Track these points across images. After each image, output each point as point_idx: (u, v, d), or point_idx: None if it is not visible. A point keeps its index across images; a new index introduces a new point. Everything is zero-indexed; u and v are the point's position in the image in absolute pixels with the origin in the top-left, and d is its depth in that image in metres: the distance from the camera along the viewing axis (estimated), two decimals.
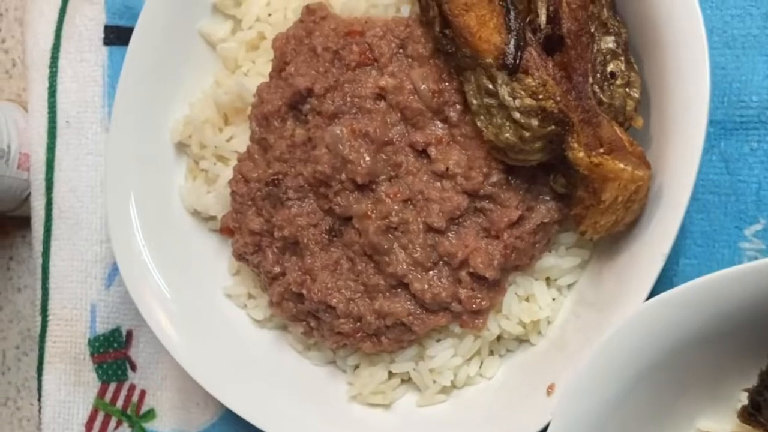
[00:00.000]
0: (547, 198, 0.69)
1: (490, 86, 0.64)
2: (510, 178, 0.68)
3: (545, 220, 0.69)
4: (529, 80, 0.63)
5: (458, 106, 0.69)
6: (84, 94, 0.93)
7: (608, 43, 0.65)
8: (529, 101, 0.63)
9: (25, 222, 0.99)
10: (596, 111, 0.63)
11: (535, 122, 0.63)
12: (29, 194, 0.95)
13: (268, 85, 0.75)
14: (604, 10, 0.65)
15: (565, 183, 0.67)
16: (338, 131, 0.70)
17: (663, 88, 0.65)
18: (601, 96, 0.65)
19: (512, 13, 0.63)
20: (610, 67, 0.65)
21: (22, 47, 0.98)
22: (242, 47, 0.79)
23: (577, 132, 0.63)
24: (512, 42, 0.63)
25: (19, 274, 1.04)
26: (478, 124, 0.66)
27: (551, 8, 0.64)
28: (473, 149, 0.68)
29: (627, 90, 0.65)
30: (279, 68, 0.74)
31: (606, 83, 0.65)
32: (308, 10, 0.73)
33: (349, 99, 0.71)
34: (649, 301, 0.60)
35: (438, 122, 0.69)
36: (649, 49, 0.66)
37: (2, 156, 0.92)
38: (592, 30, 0.65)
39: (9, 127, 0.94)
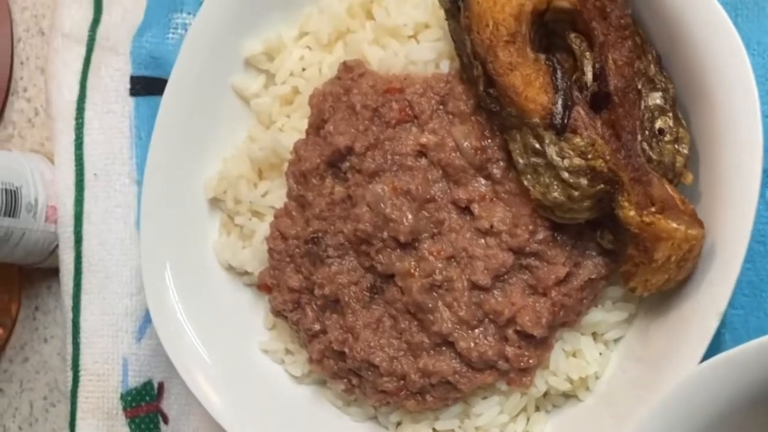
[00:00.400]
0: (594, 253, 0.68)
1: (537, 146, 0.63)
2: (556, 234, 0.67)
3: (593, 276, 0.68)
4: (578, 140, 0.62)
5: (501, 163, 0.68)
6: (111, 146, 0.92)
7: (656, 99, 0.64)
8: (578, 161, 0.62)
9: (50, 272, 0.98)
10: (646, 169, 0.63)
11: (584, 181, 0.63)
12: (56, 246, 0.95)
13: (305, 142, 0.74)
14: (651, 66, 0.65)
15: (613, 239, 0.66)
16: (379, 190, 0.69)
17: (713, 143, 0.64)
18: (650, 153, 0.64)
19: (559, 72, 0.62)
20: (659, 124, 0.64)
21: (45, 97, 0.97)
22: (276, 102, 0.78)
23: (627, 191, 0.62)
24: (560, 102, 0.62)
25: (45, 324, 1.03)
26: (525, 183, 0.65)
27: (597, 65, 0.63)
28: (517, 206, 0.68)
29: (676, 146, 0.64)
30: (316, 125, 0.74)
31: (654, 140, 0.64)
32: (345, 67, 0.72)
33: (389, 157, 0.70)
34: (710, 361, 0.59)
35: (481, 179, 0.69)
36: (697, 102, 0.65)
37: (30, 210, 0.92)
38: (639, 86, 0.64)
39: (36, 180, 0.93)
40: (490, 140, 0.68)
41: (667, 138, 0.64)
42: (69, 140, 0.93)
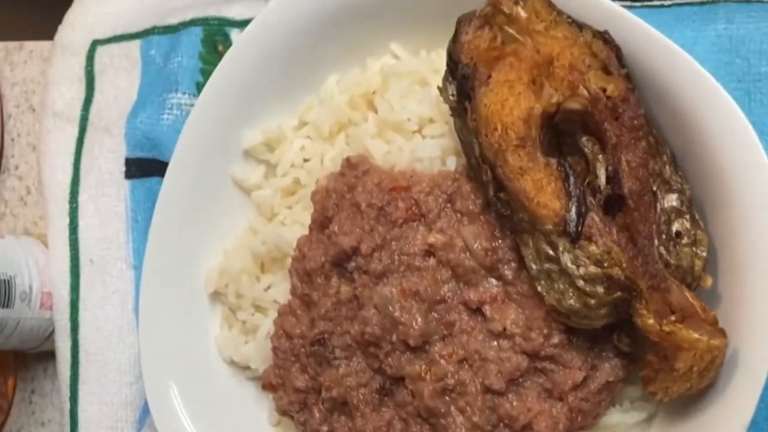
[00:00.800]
0: (611, 355, 0.66)
1: (551, 252, 0.61)
2: (572, 337, 0.65)
3: (610, 379, 0.66)
4: (593, 248, 0.60)
5: (513, 264, 0.66)
6: (107, 230, 0.90)
7: (672, 201, 0.62)
8: (593, 269, 0.60)
9: (46, 355, 0.96)
10: (664, 276, 0.61)
11: (600, 290, 0.60)
12: (52, 331, 0.92)
13: (309, 239, 0.72)
14: (666, 166, 0.63)
15: (630, 342, 0.64)
16: (387, 292, 0.67)
17: (731, 242, 0.62)
18: (668, 257, 0.62)
19: (572, 178, 0.60)
20: (675, 227, 0.62)
21: (38, 179, 0.95)
22: (277, 194, 0.76)
23: (645, 299, 0.60)
24: (573, 209, 0.60)
25: (42, 407, 1.01)
26: (539, 288, 0.63)
27: (610, 168, 0.61)
28: (531, 308, 0.65)
29: (694, 249, 0.62)
30: (320, 222, 0.71)
31: (671, 243, 0.62)
32: (349, 164, 0.70)
33: (396, 257, 0.68)
34: None
35: (492, 279, 0.67)
36: (714, 201, 0.63)
37: (24, 299, 0.89)
38: (654, 188, 0.62)
39: (30, 267, 0.91)
40: (500, 241, 0.66)
41: (685, 241, 0.62)
42: (63, 224, 0.91)
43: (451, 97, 0.65)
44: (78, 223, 0.90)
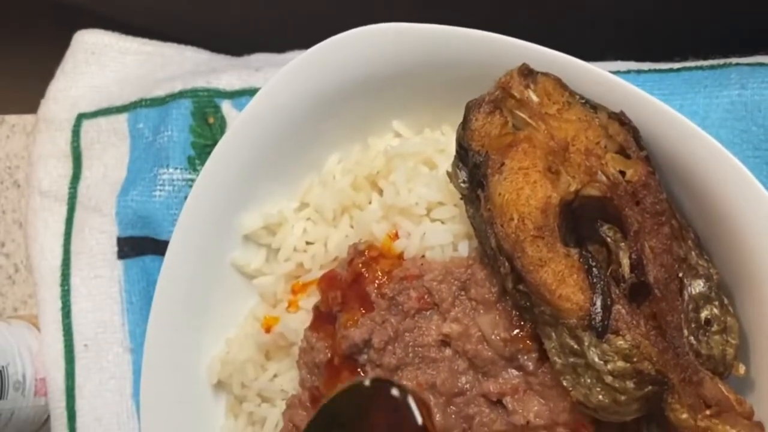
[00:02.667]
0: None
1: (576, 346, 0.58)
2: (599, 430, 0.62)
3: None
4: (621, 342, 0.57)
5: (533, 354, 0.63)
6: (101, 314, 0.86)
7: (699, 287, 0.60)
8: (622, 364, 0.57)
9: None
10: (696, 368, 0.58)
11: (630, 385, 0.58)
12: (48, 417, 0.89)
13: (317, 330, 0.69)
14: (692, 252, 0.60)
15: None
16: None
17: (762, 326, 0.59)
18: (698, 347, 0.59)
19: (595, 269, 0.57)
20: (704, 314, 0.59)
21: (27, 262, 0.92)
22: (281, 280, 0.73)
23: (678, 393, 0.57)
24: (598, 302, 0.57)
25: None
26: (564, 383, 0.60)
27: (634, 255, 0.58)
28: (554, 399, 0.62)
29: (724, 337, 0.59)
30: (327, 313, 0.68)
31: (701, 332, 0.59)
32: (356, 251, 0.67)
33: (410, 349, 0.65)
34: None
35: (512, 370, 0.64)
36: (742, 283, 0.61)
37: (18, 388, 0.86)
38: (680, 275, 0.59)
39: (22, 354, 0.87)
40: (518, 330, 0.63)
41: (715, 328, 0.59)
42: (55, 308, 0.87)
43: (462, 185, 0.62)
44: (71, 308, 0.87)
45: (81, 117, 0.90)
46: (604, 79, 0.61)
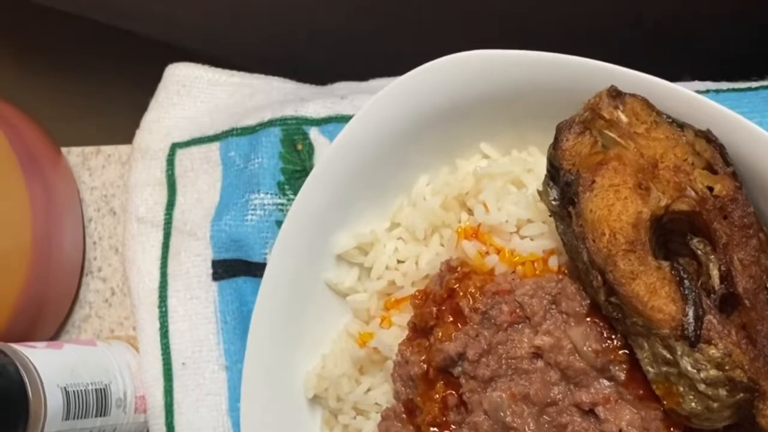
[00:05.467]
0: None
1: (669, 356, 0.61)
2: None
3: None
4: (713, 351, 0.59)
5: (624, 365, 0.65)
6: (197, 333, 0.90)
7: None
8: (714, 372, 0.59)
9: None
10: None
11: (723, 393, 0.60)
12: None
13: (411, 344, 0.72)
14: None
15: None
16: (497, 397, 0.67)
17: None
18: None
19: (686, 281, 0.60)
20: None
21: (124, 282, 0.96)
22: (374, 297, 0.76)
23: None
24: (691, 312, 0.59)
25: None
26: (657, 392, 0.62)
27: (723, 268, 0.61)
28: (646, 409, 0.65)
29: None
30: (421, 328, 0.71)
31: None
32: (449, 267, 0.70)
33: (504, 361, 0.68)
34: None
35: (603, 380, 0.66)
36: None
37: (120, 405, 0.90)
38: None
39: (123, 373, 0.91)
40: (609, 342, 0.65)
41: None
42: (154, 329, 0.91)
43: (553, 202, 0.65)
44: (168, 328, 0.91)
45: (175, 146, 0.94)
46: (688, 98, 0.64)
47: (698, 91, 0.76)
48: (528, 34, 0.89)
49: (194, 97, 0.96)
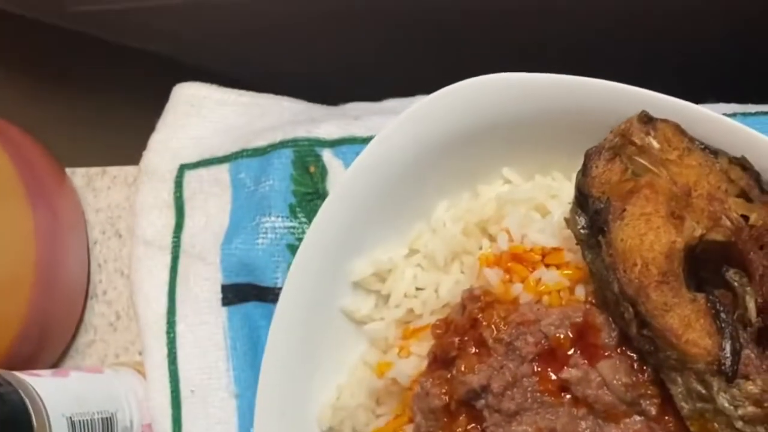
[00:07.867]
0: None
1: (704, 392, 0.58)
2: None
3: None
4: (751, 387, 0.57)
5: (655, 400, 0.63)
6: (207, 360, 0.88)
7: None
8: (752, 409, 0.57)
9: None
10: None
11: (761, 430, 0.57)
12: None
13: (431, 376, 0.70)
14: None
15: None
16: None
17: None
18: None
19: (723, 314, 0.58)
20: None
21: (130, 306, 0.94)
22: (392, 326, 0.74)
23: None
24: (728, 346, 0.57)
25: None
26: (692, 429, 0.60)
27: (760, 300, 0.59)
28: None
29: None
30: (442, 358, 0.69)
31: None
32: (471, 296, 0.68)
33: (529, 394, 0.65)
34: None
35: (634, 415, 0.64)
36: None
37: None
38: None
39: (130, 400, 0.89)
40: (640, 375, 0.63)
41: None
42: (161, 356, 0.89)
43: (581, 231, 0.63)
44: (177, 354, 0.89)
45: (183, 168, 0.92)
46: (721, 122, 0.62)
47: (726, 114, 0.74)
48: (542, 57, 0.87)
49: (203, 117, 0.94)
